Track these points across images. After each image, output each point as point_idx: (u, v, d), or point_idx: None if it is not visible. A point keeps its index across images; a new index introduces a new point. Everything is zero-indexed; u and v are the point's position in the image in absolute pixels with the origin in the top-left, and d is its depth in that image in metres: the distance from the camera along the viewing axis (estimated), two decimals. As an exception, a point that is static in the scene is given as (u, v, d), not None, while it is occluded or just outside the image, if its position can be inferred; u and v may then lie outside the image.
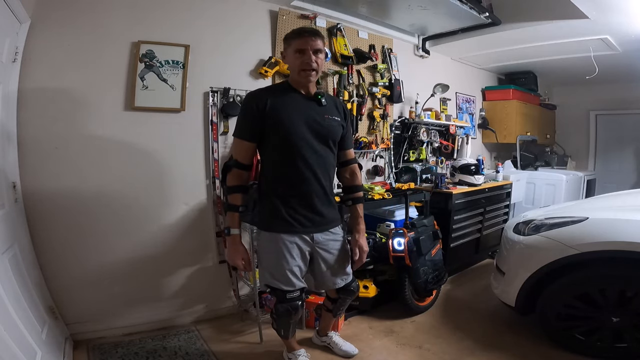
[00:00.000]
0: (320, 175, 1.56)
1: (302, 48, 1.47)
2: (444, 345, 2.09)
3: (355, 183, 1.74)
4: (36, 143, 1.89)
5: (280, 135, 1.50)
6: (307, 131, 1.51)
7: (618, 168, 4.92)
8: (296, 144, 1.50)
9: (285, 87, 1.59)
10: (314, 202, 1.57)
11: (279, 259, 1.56)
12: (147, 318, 2.23)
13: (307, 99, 1.57)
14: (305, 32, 1.49)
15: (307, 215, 1.57)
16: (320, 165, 1.55)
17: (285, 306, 1.61)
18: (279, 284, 1.59)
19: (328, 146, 1.58)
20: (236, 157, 1.54)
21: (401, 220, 2.63)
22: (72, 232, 2.01)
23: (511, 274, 2.13)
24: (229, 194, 1.56)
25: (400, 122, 3.33)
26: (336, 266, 1.69)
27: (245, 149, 1.54)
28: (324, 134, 1.56)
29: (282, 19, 2.58)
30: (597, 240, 1.81)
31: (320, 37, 1.50)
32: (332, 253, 1.67)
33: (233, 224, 1.56)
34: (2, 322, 1.30)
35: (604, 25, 2.81)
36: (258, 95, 1.53)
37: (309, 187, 1.55)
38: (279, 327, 1.73)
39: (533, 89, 4.63)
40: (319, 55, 1.50)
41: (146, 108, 2.14)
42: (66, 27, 1.93)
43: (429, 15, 2.92)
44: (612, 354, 1.85)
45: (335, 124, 1.60)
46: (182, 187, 2.30)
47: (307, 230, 1.58)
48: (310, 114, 1.54)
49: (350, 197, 1.73)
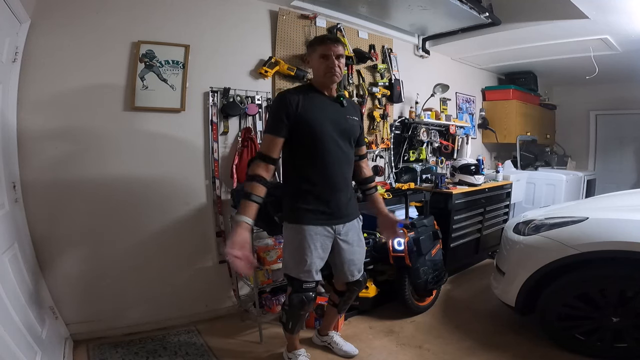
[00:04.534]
0: (344, 169, 1.69)
1: (326, 53, 1.59)
2: (444, 345, 2.09)
3: (370, 174, 1.91)
4: (36, 143, 1.89)
5: (311, 132, 1.59)
6: (333, 130, 1.63)
7: (618, 168, 4.92)
8: (324, 140, 1.61)
9: (310, 89, 1.69)
10: (337, 194, 1.67)
11: (302, 250, 1.62)
12: (147, 318, 2.23)
13: (331, 100, 1.69)
14: (328, 39, 1.62)
15: (331, 207, 1.66)
16: (343, 160, 1.68)
17: (300, 296, 1.65)
18: (297, 273, 1.64)
19: (350, 143, 1.71)
20: (264, 151, 1.57)
21: (401, 220, 2.63)
22: (72, 232, 2.01)
23: (511, 274, 2.13)
24: (249, 181, 1.54)
25: (400, 122, 3.33)
26: (354, 258, 1.77)
27: (276, 143, 1.58)
28: (347, 133, 1.69)
29: (282, 19, 2.58)
30: (597, 240, 1.81)
31: (341, 44, 1.63)
32: (352, 244, 1.74)
33: (245, 212, 1.45)
34: (2, 322, 1.30)
35: (604, 25, 2.81)
36: (290, 95, 1.60)
37: (334, 181, 1.65)
38: (288, 319, 1.75)
39: (533, 89, 4.63)
40: (340, 59, 1.62)
41: (146, 108, 2.15)
42: (66, 27, 1.93)
43: (429, 15, 2.92)
44: (612, 354, 1.85)
45: (355, 124, 1.74)
46: (182, 187, 2.30)
47: (330, 221, 1.66)
48: (335, 114, 1.66)
49: (369, 187, 1.87)
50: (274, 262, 2.19)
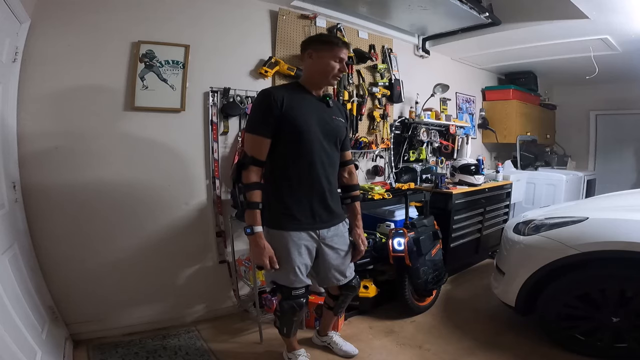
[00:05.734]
0: (328, 172, 1.63)
1: (342, 57, 1.58)
2: (444, 345, 2.09)
3: (354, 182, 1.82)
4: (36, 143, 1.89)
5: (295, 132, 1.54)
6: (318, 130, 1.58)
7: (618, 168, 4.91)
8: (310, 141, 1.56)
9: (297, 87, 1.65)
10: (321, 198, 1.62)
11: (286, 256, 1.58)
12: (147, 318, 2.23)
13: (317, 99, 1.64)
14: (342, 43, 1.60)
15: (315, 211, 1.61)
16: (328, 163, 1.63)
17: (291, 303, 1.63)
18: (285, 281, 1.61)
19: (335, 145, 1.67)
20: (252, 153, 1.53)
21: (401, 220, 2.63)
22: (72, 232, 2.01)
23: (511, 274, 2.13)
24: (248, 191, 1.52)
25: (400, 122, 3.33)
26: (340, 262, 1.72)
27: (262, 145, 1.53)
28: (333, 134, 1.64)
29: (282, 19, 2.58)
30: (597, 240, 1.81)
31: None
32: (337, 249, 1.70)
33: (255, 222, 1.52)
34: (2, 322, 1.30)
35: (604, 25, 2.81)
36: (274, 92, 1.55)
37: (318, 184, 1.60)
38: (282, 325, 1.74)
39: (533, 89, 4.63)
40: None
41: (146, 108, 2.14)
42: (66, 27, 1.93)
43: (429, 15, 2.92)
44: (612, 354, 1.85)
45: (341, 125, 1.69)
46: (182, 187, 2.30)
47: (314, 226, 1.62)
48: (321, 114, 1.62)
49: (350, 196, 1.80)
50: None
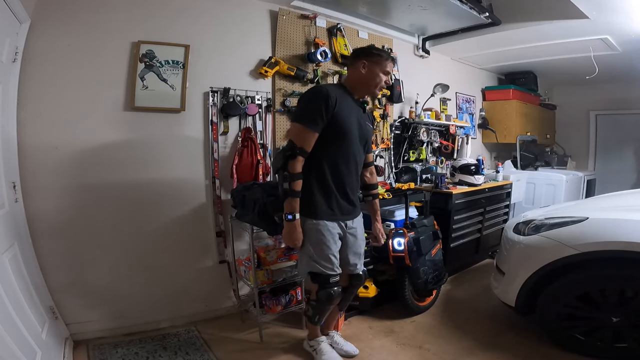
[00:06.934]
0: (358, 170, 1.80)
1: (388, 70, 1.72)
2: (444, 345, 2.09)
3: (374, 181, 1.99)
4: (36, 143, 1.89)
5: (341, 131, 1.65)
6: (357, 132, 1.72)
7: (618, 168, 4.91)
8: (351, 141, 1.69)
9: (343, 89, 1.75)
10: (351, 193, 1.76)
11: (324, 245, 1.68)
12: (147, 318, 2.23)
13: (357, 104, 1.78)
14: (390, 57, 1.74)
15: (344, 204, 1.74)
16: (359, 162, 1.79)
17: (328, 291, 1.71)
18: (322, 269, 1.70)
19: (364, 147, 1.82)
20: (301, 145, 1.59)
21: (401, 220, 2.63)
22: (72, 232, 2.01)
23: (511, 274, 2.13)
24: (294, 180, 1.60)
25: (400, 122, 3.33)
26: (358, 251, 1.86)
27: (312, 138, 1.61)
28: (364, 137, 1.79)
29: (282, 19, 2.58)
30: (597, 240, 1.81)
31: None
32: (357, 238, 1.84)
33: (295, 209, 1.62)
34: (2, 322, 1.30)
35: (604, 25, 2.81)
36: (330, 91, 1.63)
37: (351, 180, 1.75)
38: (316, 313, 1.82)
39: (533, 89, 4.63)
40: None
41: (146, 108, 2.15)
42: (66, 27, 1.93)
43: (429, 15, 2.92)
44: (612, 354, 1.85)
45: (370, 130, 1.86)
46: (182, 187, 2.30)
47: (343, 217, 1.76)
48: (359, 118, 1.76)
49: (371, 194, 1.97)
50: (274, 262, 2.19)
